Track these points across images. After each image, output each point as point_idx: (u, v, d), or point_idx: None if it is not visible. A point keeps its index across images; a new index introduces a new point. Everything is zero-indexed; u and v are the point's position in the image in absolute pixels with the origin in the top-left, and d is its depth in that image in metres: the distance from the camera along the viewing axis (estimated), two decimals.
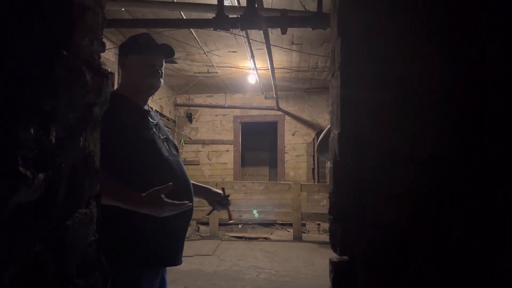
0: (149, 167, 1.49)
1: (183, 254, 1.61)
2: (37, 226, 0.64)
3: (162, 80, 1.66)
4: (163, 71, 1.66)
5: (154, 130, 1.60)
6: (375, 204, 0.89)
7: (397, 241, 0.88)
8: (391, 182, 0.88)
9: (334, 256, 0.97)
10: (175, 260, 1.57)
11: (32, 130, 0.62)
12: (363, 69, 0.90)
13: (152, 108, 1.79)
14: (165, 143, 1.61)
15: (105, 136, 0.94)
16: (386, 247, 0.88)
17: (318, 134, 8.04)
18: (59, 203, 0.70)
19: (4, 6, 0.63)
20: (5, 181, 0.56)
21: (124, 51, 1.65)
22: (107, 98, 0.91)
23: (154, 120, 1.65)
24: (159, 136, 1.60)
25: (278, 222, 7.55)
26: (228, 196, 1.86)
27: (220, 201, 1.85)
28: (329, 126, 1.25)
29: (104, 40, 0.93)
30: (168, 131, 1.87)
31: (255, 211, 6.58)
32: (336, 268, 0.92)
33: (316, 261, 4.97)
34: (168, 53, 1.69)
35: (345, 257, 0.93)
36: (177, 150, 1.70)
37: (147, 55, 1.60)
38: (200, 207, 4.50)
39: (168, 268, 1.65)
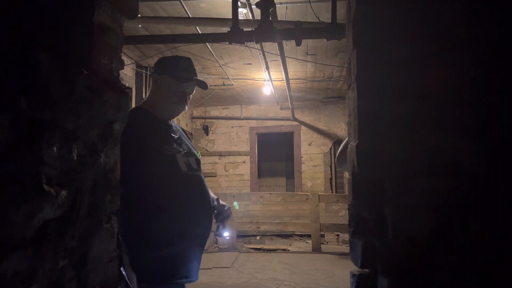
0: (164, 182, 1.48)
1: (202, 267, 1.57)
2: (60, 243, 0.65)
3: (187, 107, 1.68)
4: (190, 97, 1.67)
5: (175, 145, 1.60)
6: (396, 216, 0.87)
7: (420, 253, 0.86)
8: (411, 194, 0.87)
9: (354, 268, 0.95)
10: (188, 276, 1.50)
11: (54, 148, 0.64)
12: (380, 80, 0.90)
13: (173, 122, 1.77)
14: (185, 158, 1.60)
15: (123, 152, 0.95)
16: (408, 259, 0.86)
17: (335, 144, 7.98)
18: (81, 219, 0.72)
19: (27, 28, 0.65)
20: (30, 199, 0.58)
21: (161, 68, 1.64)
22: (126, 114, 0.93)
23: (176, 135, 1.65)
24: (180, 150, 1.60)
25: (296, 233, 7.48)
26: (223, 207, 1.66)
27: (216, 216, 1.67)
28: (348, 138, 1.25)
29: (122, 56, 0.96)
30: None
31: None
32: (357, 282, 0.91)
33: (336, 273, 4.89)
34: (201, 86, 1.68)
35: (366, 270, 0.91)
36: (198, 164, 1.68)
37: (182, 82, 1.60)
38: None
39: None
